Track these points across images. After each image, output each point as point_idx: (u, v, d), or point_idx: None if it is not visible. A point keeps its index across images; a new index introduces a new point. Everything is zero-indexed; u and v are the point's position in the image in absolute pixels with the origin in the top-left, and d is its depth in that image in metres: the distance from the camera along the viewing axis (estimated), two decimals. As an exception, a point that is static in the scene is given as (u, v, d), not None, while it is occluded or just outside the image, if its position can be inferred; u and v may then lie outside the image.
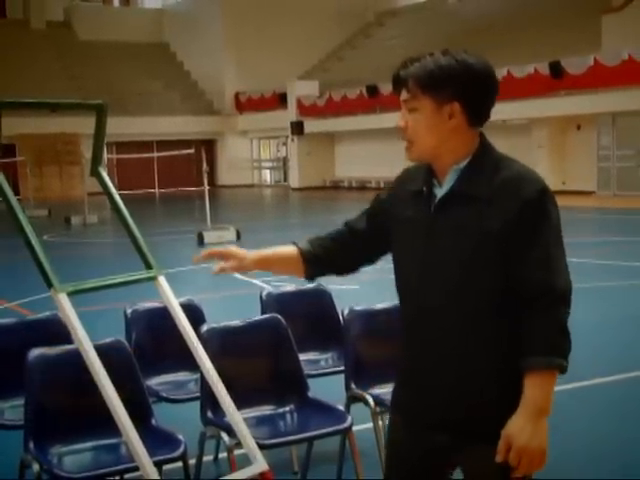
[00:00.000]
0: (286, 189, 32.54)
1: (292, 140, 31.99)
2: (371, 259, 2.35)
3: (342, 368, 4.15)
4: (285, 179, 35.10)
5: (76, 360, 3.19)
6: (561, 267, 2.03)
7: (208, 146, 33.28)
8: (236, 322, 3.62)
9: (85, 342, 2.21)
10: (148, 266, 2.69)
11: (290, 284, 4.66)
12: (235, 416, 2.39)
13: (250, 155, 37.06)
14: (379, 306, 3.89)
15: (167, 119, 33.71)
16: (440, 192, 2.10)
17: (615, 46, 21.90)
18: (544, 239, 2.01)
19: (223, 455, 4.11)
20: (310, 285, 4.55)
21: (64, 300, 2.21)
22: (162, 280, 2.76)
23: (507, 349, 2.04)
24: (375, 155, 29.48)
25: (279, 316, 3.65)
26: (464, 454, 2.13)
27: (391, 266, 2.24)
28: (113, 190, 2.55)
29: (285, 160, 35.04)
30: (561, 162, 24.50)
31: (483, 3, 32.29)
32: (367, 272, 2.37)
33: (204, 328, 3.46)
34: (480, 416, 2.08)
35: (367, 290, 8.28)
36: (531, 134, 24.65)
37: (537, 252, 2.00)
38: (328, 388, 4.04)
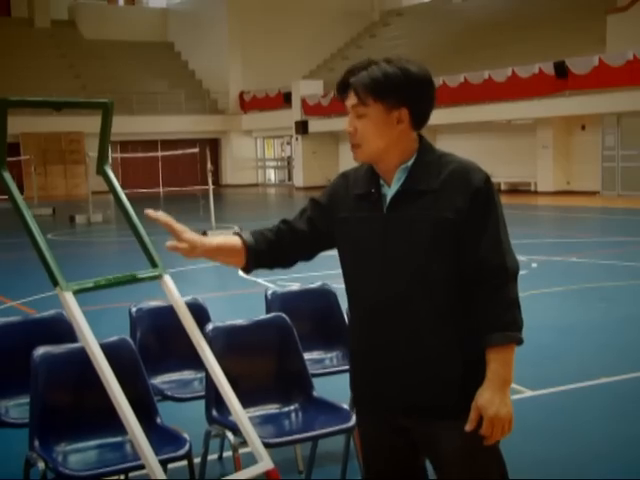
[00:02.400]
0: (290, 188, 32.54)
1: (296, 139, 31.98)
2: (309, 257, 2.47)
3: (347, 367, 4.15)
4: (289, 178, 35.08)
5: (81, 358, 3.19)
6: (508, 248, 2.21)
7: (212, 145, 33.31)
8: (241, 321, 3.61)
9: (91, 340, 2.20)
10: (153, 265, 2.68)
11: (295, 283, 4.67)
12: (240, 415, 2.38)
13: (254, 154, 37.05)
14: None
15: (171, 118, 33.72)
16: (390, 191, 2.24)
17: (620, 46, 21.84)
18: (493, 224, 2.19)
19: (227, 454, 4.12)
20: (315, 284, 4.56)
21: (70, 299, 2.21)
22: (167, 279, 2.76)
23: (466, 328, 2.20)
24: (379, 155, 29.34)
25: (284, 315, 3.64)
26: (433, 433, 2.25)
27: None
28: (119, 189, 2.55)
29: (289, 159, 35.04)
30: (566, 162, 24.47)
31: (488, 3, 32.25)
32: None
33: (209, 327, 3.46)
34: (447, 394, 2.21)
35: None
36: (536, 134, 24.62)
37: (488, 236, 2.17)
38: (333, 387, 4.04)
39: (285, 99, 32.44)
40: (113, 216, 21.23)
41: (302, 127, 31.33)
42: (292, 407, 3.49)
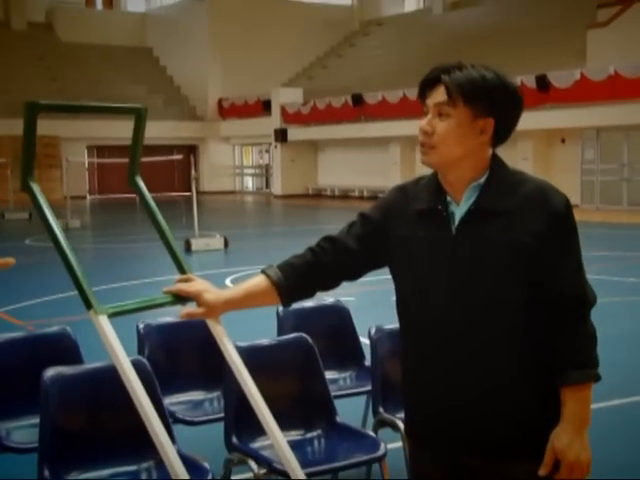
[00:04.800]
0: (268, 196, 32.33)
1: (275, 147, 31.80)
2: (355, 277, 2.28)
3: (363, 389, 3.99)
4: (267, 186, 34.88)
5: (95, 380, 3.01)
6: (586, 279, 2.06)
7: (190, 152, 33.01)
8: (262, 341, 3.42)
9: (128, 369, 2.01)
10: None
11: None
12: (282, 444, 2.18)
13: (232, 162, 36.79)
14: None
15: (149, 124, 32.21)
16: (459, 210, 2.06)
17: (599, 61, 22.00)
18: (574, 251, 2.03)
19: (236, 477, 3.93)
20: (328, 301, 4.38)
21: (104, 323, 2.02)
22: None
23: (538, 361, 2.03)
24: (358, 164, 29.36)
25: (306, 335, 3.46)
26: (500, 474, 2.06)
27: (383, 277, 2.15)
28: (151, 201, 2.36)
29: (267, 167, 34.84)
30: (545, 175, 24.50)
31: (469, 15, 32.37)
32: (361, 284, 2.28)
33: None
34: (516, 431, 2.03)
35: (364, 302, 8.15)
36: (516, 146, 24.65)
37: (569, 264, 2.01)
38: (347, 409, 3.85)
39: (264, 107, 32.23)
40: (90, 222, 20.89)
41: (281, 135, 31.15)
42: (315, 433, 3.29)
